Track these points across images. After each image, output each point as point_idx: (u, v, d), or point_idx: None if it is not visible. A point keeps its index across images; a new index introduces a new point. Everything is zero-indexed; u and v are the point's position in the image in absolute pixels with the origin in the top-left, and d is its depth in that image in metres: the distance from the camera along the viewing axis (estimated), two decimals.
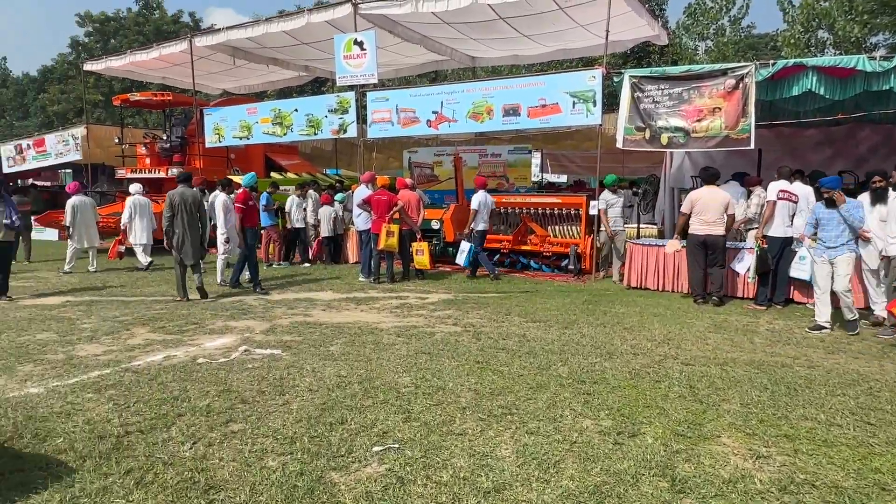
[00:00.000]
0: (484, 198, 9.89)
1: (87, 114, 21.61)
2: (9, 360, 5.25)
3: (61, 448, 3.44)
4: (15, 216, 8.01)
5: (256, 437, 3.60)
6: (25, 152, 17.50)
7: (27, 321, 6.85)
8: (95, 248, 11.23)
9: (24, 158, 17.55)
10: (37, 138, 17.56)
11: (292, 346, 5.73)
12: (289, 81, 18.72)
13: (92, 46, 39.16)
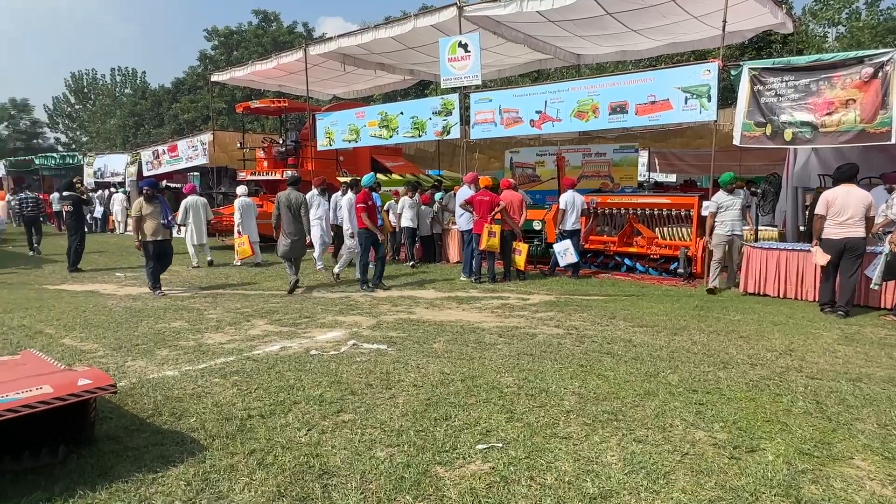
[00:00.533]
0: (572, 197, 9.89)
1: (213, 121, 23.44)
2: (148, 345, 5.83)
3: (194, 427, 3.78)
4: (170, 216, 8.80)
5: (365, 428, 3.75)
6: (161, 157, 19.29)
7: (163, 310, 7.55)
8: (205, 245, 12.31)
9: (160, 162, 19.36)
10: (171, 144, 19.29)
11: (397, 342, 5.91)
12: (394, 85, 19.28)
13: (217, 59, 42.42)
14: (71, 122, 58.10)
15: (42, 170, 27.41)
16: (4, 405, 2.75)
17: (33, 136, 58.67)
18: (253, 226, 12.23)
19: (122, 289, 9.42)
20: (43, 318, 7.12)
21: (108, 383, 3.09)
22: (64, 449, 3.26)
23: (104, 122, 50.84)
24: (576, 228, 9.98)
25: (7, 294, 8.89)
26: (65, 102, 57.75)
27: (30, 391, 2.91)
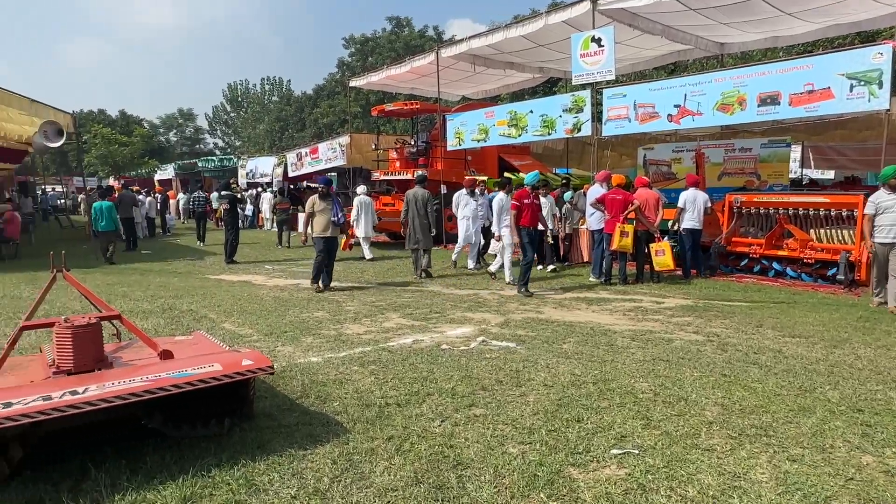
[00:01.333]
0: (693, 195, 9.59)
1: (349, 124, 24.81)
2: (295, 333, 6.31)
3: (337, 410, 4.04)
4: (340, 214, 9.03)
5: (497, 424, 3.80)
6: (303, 159, 20.81)
7: (306, 301, 8.14)
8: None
9: (302, 164, 20.89)
10: (312, 147, 20.75)
11: (526, 341, 5.91)
12: (523, 84, 19.24)
13: (354, 65, 44.79)
14: (227, 128, 64.28)
15: (204, 171, 30.62)
16: (185, 379, 3.12)
17: (196, 142, 65.72)
18: (368, 222, 13.31)
19: (271, 280, 10.27)
20: (206, 304, 7.96)
21: (267, 365, 3.41)
22: (229, 422, 3.63)
23: (254, 127, 55.66)
24: (696, 227, 9.60)
25: (178, 282, 10.04)
26: (222, 111, 64.05)
27: (203, 368, 3.28)
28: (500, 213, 9.42)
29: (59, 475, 3.07)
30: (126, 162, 32.22)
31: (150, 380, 3.08)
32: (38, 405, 2.77)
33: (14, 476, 3.01)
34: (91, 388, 2.96)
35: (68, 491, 2.92)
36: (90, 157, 31.71)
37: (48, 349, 3.85)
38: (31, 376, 3.50)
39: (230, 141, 63.49)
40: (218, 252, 14.08)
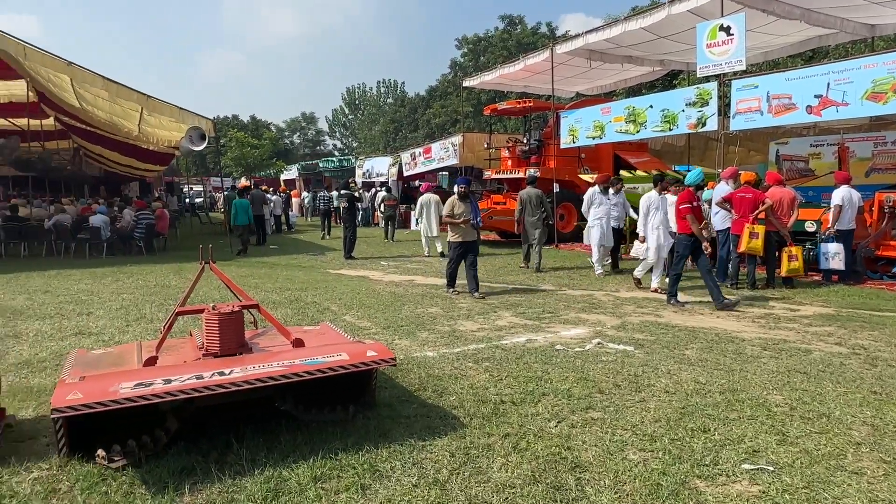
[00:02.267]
0: (849, 194, 8.78)
1: (461, 124, 25.12)
2: (411, 327, 6.51)
3: (454, 405, 4.12)
4: (478, 216, 8.68)
5: (615, 429, 3.70)
6: (417, 158, 21.37)
7: (420, 297, 8.36)
8: (436, 238, 13.64)
9: (416, 163, 21.47)
10: (425, 147, 21.26)
11: (644, 345, 5.69)
12: (641, 78, 18.51)
13: (466, 65, 45.28)
14: (345, 130, 67.45)
15: (324, 172, 32.35)
16: (316, 366, 3.33)
17: (317, 143, 69.51)
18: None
19: (387, 276, 10.65)
20: (328, 296, 8.41)
21: (390, 357, 3.55)
22: (353, 408, 3.82)
23: (370, 128, 57.98)
24: (851, 229, 8.80)
25: (302, 276, 10.70)
26: (341, 113, 67.28)
27: (332, 357, 3.48)
28: (648, 213, 8.51)
29: (207, 447, 3.38)
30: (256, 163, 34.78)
31: (285, 365, 3.31)
32: (192, 383, 3.08)
33: (170, 446, 3.35)
34: (236, 370, 3.23)
35: (215, 462, 3.22)
36: (226, 159, 34.55)
37: (197, 333, 4.25)
38: (183, 357, 3.89)
39: (348, 142, 66.57)
40: (337, 248, 14.82)
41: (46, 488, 2.96)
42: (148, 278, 10.08)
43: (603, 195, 10.35)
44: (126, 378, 3.12)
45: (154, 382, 3.04)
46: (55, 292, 8.65)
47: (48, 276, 10.36)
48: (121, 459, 3.15)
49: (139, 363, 3.75)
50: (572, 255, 12.89)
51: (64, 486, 2.99)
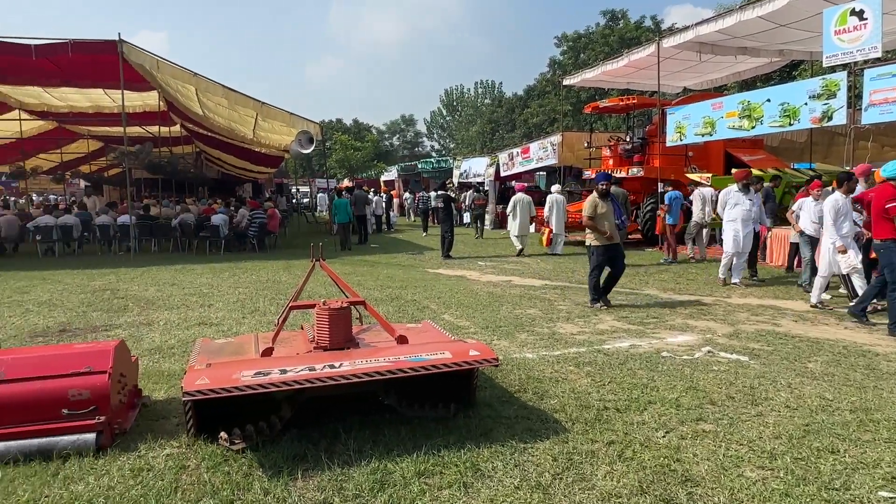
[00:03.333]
0: None
1: (560, 123, 24.71)
2: (510, 328, 6.48)
3: (555, 408, 4.06)
4: (622, 216, 8.22)
5: (730, 443, 3.49)
6: (515, 159, 21.27)
7: (518, 298, 8.31)
8: (526, 237, 14.05)
9: (513, 164, 21.37)
10: (524, 147, 21.11)
11: (761, 356, 5.33)
12: (756, 70, 17.36)
13: (565, 63, 44.50)
14: (442, 131, 68.45)
15: (423, 172, 32.97)
16: (421, 363, 3.40)
17: (415, 145, 71.08)
18: (559, 219, 13.70)
19: (484, 276, 10.69)
20: (427, 295, 8.56)
21: (493, 357, 3.56)
22: (454, 406, 3.87)
23: (467, 129, 58.41)
24: None
25: (402, 274, 10.97)
26: (439, 115, 68.35)
27: (436, 355, 3.53)
28: (838, 219, 7.22)
29: (317, 436, 3.55)
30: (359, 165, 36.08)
31: (391, 361, 3.41)
32: (305, 374, 3.24)
33: (283, 432, 3.55)
34: (345, 363, 3.37)
35: (325, 450, 3.37)
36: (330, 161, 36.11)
37: (308, 327, 4.47)
38: (296, 349, 4.11)
39: (445, 143, 67.51)
40: (435, 247, 15.05)
41: (177, 464, 3.23)
42: (260, 274, 10.74)
43: (741, 193, 9.01)
44: (247, 367, 3.34)
45: (271, 372, 3.23)
46: (180, 285, 9.42)
47: (174, 269, 11.30)
48: (241, 442, 3.37)
49: (256, 353, 4.00)
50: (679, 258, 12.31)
51: (192, 463, 3.25)
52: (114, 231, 14.89)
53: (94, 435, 3.34)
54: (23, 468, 3.15)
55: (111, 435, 3.44)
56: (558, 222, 13.81)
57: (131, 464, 3.23)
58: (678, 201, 12.11)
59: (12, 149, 20.57)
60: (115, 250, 15.03)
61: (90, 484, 3.02)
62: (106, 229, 14.94)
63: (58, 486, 3.00)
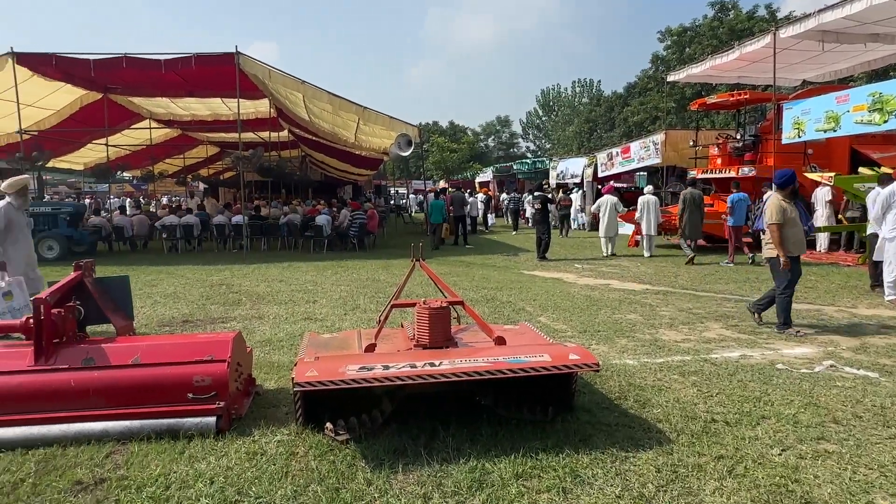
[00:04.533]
0: None
1: (663, 121, 23.71)
2: (608, 333, 6.31)
3: (658, 417, 3.91)
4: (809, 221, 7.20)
5: (857, 466, 3.20)
6: (614, 159, 20.63)
7: (618, 303, 8.07)
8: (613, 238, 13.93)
9: (613, 164, 20.74)
10: (624, 146, 20.43)
11: (893, 373, 4.85)
12: (889, 59, 15.77)
13: (669, 59, 42.62)
14: (538, 132, 67.76)
15: (518, 174, 32.82)
16: (520, 364, 3.39)
17: (510, 146, 70.80)
18: (651, 220, 13.46)
19: (581, 279, 10.47)
20: (523, 297, 8.51)
21: (593, 362, 3.48)
22: (552, 410, 3.82)
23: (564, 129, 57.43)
24: None
25: (497, 275, 10.98)
26: (535, 115, 67.72)
27: (535, 357, 3.51)
28: None
29: (417, 432, 3.63)
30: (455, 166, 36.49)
31: (490, 362, 3.42)
32: (407, 371, 3.33)
33: (384, 426, 3.66)
34: (445, 362, 3.43)
35: (423, 446, 3.44)
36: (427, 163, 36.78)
37: (408, 325, 4.59)
38: (397, 346, 4.23)
39: (541, 144, 66.75)
40: (530, 249, 14.93)
41: (287, 451, 3.42)
42: (360, 272, 11.14)
43: None
44: (352, 361, 3.48)
45: (375, 367, 3.34)
46: (287, 282, 9.96)
47: (282, 267, 11.97)
48: (345, 434, 3.52)
49: (360, 349, 4.15)
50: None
51: (301, 450, 3.43)
52: (228, 230, 16.01)
53: (214, 419, 3.61)
54: (155, 445, 3.46)
55: (229, 419, 3.70)
56: (649, 224, 13.51)
57: (247, 447, 3.46)
58: (742, 203, 12.16)
59: (143, 155, 22.63)
60: (229, 248, 16.18)
61: (211, 463, 3.27)
62: (222, 228, 16.10)
63: (184, 464, 3.27)
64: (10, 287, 5.79)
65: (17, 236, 6.27)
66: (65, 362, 3.65)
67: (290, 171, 23.85)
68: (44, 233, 13.74)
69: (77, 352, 3.72)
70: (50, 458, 3.34)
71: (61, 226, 14.18)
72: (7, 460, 3.32)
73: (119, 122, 18.77)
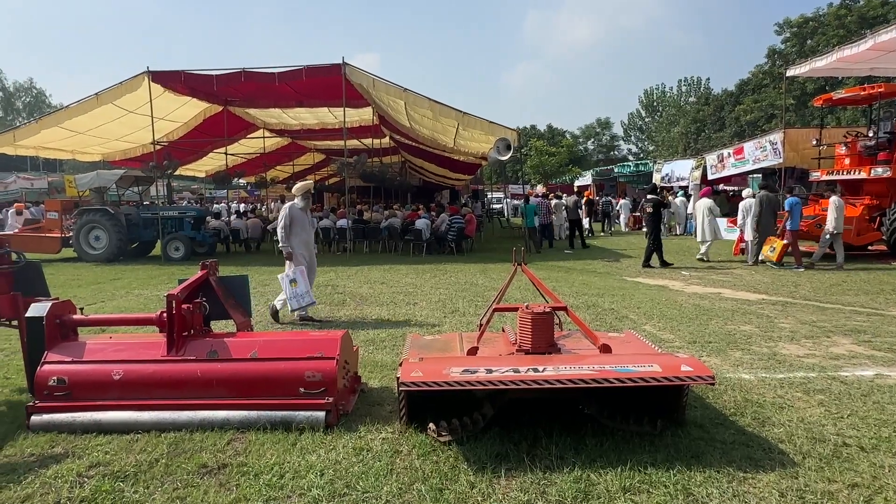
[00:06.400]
0: None
1: (781, 119, 22.12)
2: (721, 344, 5.95)
3: (780, 437, 3.63)
4: None
5: None
6: (725, 160, 19.46)
7: (730, 313, 7.59)
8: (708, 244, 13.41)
9: (723, 166, 19.58)
10: (736, 147, 19.22)
11: None
12: None
13: (788, 52, 39.73)
14: (641, 133, 65.39)
15: (619, 177, 31.83)
16: (628, 374, 3.27)
17: (610, 149, 68.86)
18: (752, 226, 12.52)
19: (689, 287, 9.95)
20: (626, 304, 8.22)
21: (708, 374, 3.29)
22: (661, 423, 3.65)
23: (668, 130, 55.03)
24: None
25: (598, 281, 10.69)
26: (637, 117, 65.41)
27: (643, 367, 3.37)
28: None
29: (518, 437, 3.60)
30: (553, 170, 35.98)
31: (596, 369, 3.33)
32: (510, 375, 3.31)
33: (486, 430, 3.66)
34: (548, 368, 3.37)
35: (526, 452, 3.40)
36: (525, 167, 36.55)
37: (509, 330, 4.56)
38: (498, 350, 4.22)
39: (643, 146, 64.37)
40: (632, 255, 14.42)
41: (392, 448, 3.51)
42: (458, 276, 11.24)
43: None
44: (455, 364, 3.51)
45: (478, 370, 3.35)
46: (388, 283, 10.23)
47: (383, 269, 12.32)
48: (447, 435, 3.55)
49: (461, 351, 4.19)
50: None
51: (405, 449, 3.51)
52: (334, 233, 16.73)
53: (323, 413, 3.77)
54: (270, 435, 3.67)
55: (337, 415, 3.85)
56: (749, 229, 12.71)
57: (353, 443, 3.58)
58: (799, 206, 11.93)
59: (257, 162, 24.19)
60: (334, 250, 16.90)
61: (321, 456, 3.42)
62: (327, 231, 16.85)
63: (296, 455, 3.44)
64: (296, 275, 6.83)
65: (299, 231, 7.25)
66: (192, 354, 3.96)
67: (391, 176, 24.53)
68: (171, 234, 15.05)
69: (203, 344, 4.03)
70: (179, 441, 3.63)
71: (186, 228, 15.45)
72: (144, 441, 3.65)
73: (237, 132, 20.21)
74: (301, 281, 6.83)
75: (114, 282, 11.10)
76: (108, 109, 15.19)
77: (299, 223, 7.26)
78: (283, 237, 7.13)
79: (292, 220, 7.17)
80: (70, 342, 4.11)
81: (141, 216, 15.71)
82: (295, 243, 7.21)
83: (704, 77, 62.85)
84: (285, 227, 7.12)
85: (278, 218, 7.43)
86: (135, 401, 3.85)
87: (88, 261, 14.44)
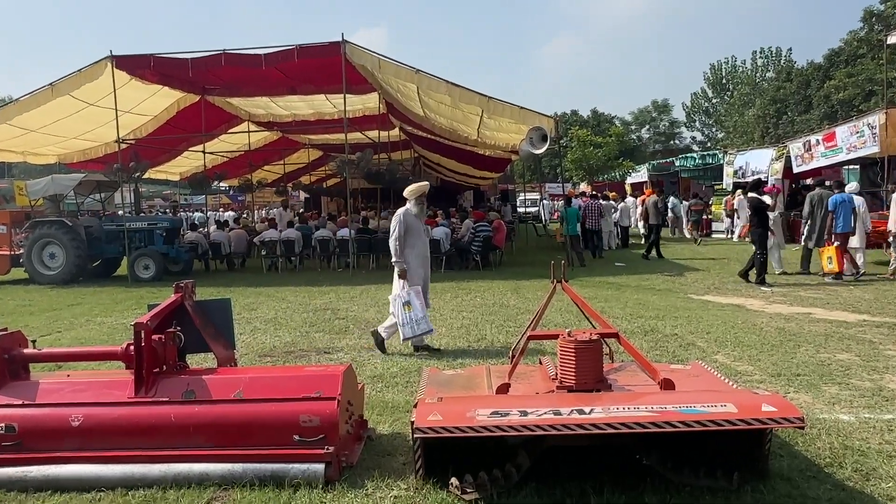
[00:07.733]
0: None
1: (883, 96, 21.83)
2: (812, 378, 5.86)
3: (889, 494, 3.55)
4: None
5: None
6: (814, 149, 19.16)
7: (823, 338, 7.48)
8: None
9: (812, 156, 19.28)
10: (827, 132, 18.93)
11: None
12: None
13: (889, 15, 39.26)
14: (707, 117, 64.98)
15: (681, 171, 31.60)
16: (695, 416, 3.24)
17: (670, 137, 68.59)
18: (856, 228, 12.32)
19: (770, 306, 9.84)
20: (692, 328, 8.15)
21: (796, 416, 3.23)
22: (738, 476, 3.60)
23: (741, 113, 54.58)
24: None
25: (657, 300, 10.61)
26: (702, 97, 65.06)
27: (714, 407, 3.33)
28: None
29: (561, 494, 3.57)
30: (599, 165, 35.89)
31: (655, 411, 3.30)
32: (550, 419, 3.29)
33: (520, 485, 3.64)
34: (596, 409, 3.35)
35: None
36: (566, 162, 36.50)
37: (547, 362, 4.55)
38: (535, 387, 4.21)
39: (711, 133, 63.96)
40: (700, 268, 14.29)
41: None
42: (486, 296, 11.24)
43: None
44: (482, 404, 3.50)
45: (510, 413, 3.34)
46: None
47: None
48: (473, 492, 3.54)
49: (490, 389, 4.18)
50: None
51: None
52: (333, 246, 16.87)
53: (322, 466, 3.79)
54: (258, 493, 3.70)
55: (339, 468, 3.86)
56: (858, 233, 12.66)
57: (359, 502, 3.60)
58: (846, 205, 12.09)
59: (241, 161, 24.55)
60: (333, 266, 17.03)
61: None
62: (325, 244, 16.99)
63: None
64: (410, 297, 6.87)
65: (414, 242, 7.30)
66: (165, 395, 4.01)
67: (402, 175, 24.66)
68: (140, 250, 15.29)
69: (178, 383, 4.08)
70: (150, 500, 3.68)
71: (157, 242, 15.69)
72: (108, 500, 3.70)
73: (216, 127, 20.55)
74: (416, 304, 6.84)
75: (72, 308, 11.31)
76: (65, 102, 15.53)
77: (415, 233, 7.27)
78: (396, 250, 7.18)
79: (407, 230, 7.18)
80: (20, 381, 4.19)
81: (104, 228, 16.01)
82: (410, 257, 7.22)
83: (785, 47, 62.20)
84: (399, 237, 7.13)
85: (389, 228, 7.37)
86: (97, 452, 3.91)
87: (42, 283, 14.75)
